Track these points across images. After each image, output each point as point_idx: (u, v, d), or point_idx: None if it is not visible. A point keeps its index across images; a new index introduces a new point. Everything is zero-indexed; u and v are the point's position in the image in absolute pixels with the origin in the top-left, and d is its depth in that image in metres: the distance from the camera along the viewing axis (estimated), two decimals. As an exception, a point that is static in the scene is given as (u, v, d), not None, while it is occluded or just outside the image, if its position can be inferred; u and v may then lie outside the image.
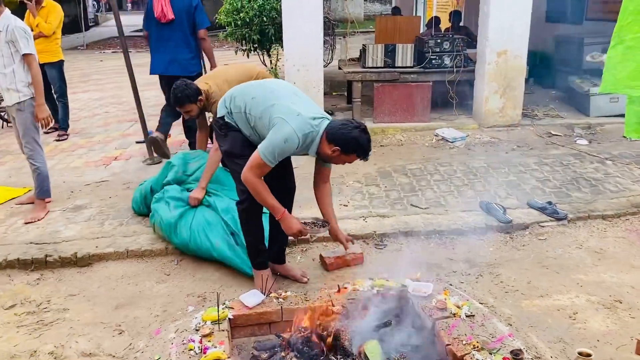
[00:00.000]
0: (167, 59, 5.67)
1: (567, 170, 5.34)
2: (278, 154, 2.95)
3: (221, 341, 2.76)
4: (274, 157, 2.95)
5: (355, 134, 2.96)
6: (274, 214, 3.12)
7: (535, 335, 2.97)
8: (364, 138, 2.98)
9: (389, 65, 6.95)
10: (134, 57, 12.61)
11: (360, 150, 2.99)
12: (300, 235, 3.17)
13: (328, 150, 3.00)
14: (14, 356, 2.93)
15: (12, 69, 4.32)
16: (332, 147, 2.98)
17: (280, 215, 3.09)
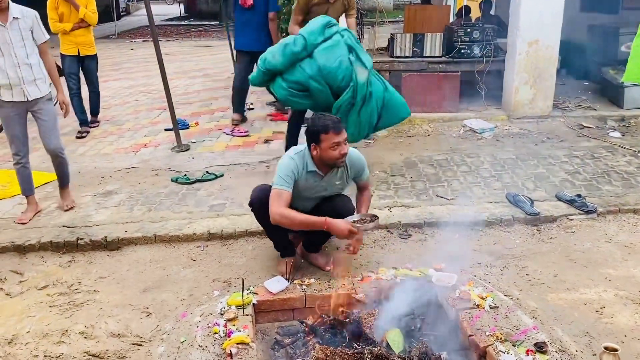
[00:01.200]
0: (251, 37, 6.75)
1: (598, 163, 5.23)
2: (283, 175, 3.21)
3: (245, 325, 2.81)
4: (282, 180, 3.20)
5: (312, 119, 3.28)
6: (319, 227, 3.13)
7: (560, 328, 2.94)
8: (321, 117, 3.23)
9: (417, 55, 6.88)
10: (164, 45, 12.79)
11: (325, 124, 3.16)
12: (352, 234, 3.12)
13: (315, 152, 3.23)
14: (46, 334, 3.03)
15: (37, 59, 4.15)
16: (313, 147, 3.23)
17: (325, 225, 3.10)
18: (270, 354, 2.84)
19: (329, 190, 3.44)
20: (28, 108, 4.17)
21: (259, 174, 5.24)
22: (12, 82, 4.02)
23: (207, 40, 16.72)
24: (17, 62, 4.01)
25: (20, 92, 4.07)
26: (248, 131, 6.62)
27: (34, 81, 4.11)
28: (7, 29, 3.95)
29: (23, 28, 4.02)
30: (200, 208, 4.53)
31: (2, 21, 3.93)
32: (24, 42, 4.03)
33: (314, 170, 3.31)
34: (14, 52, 3.99)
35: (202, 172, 5.31)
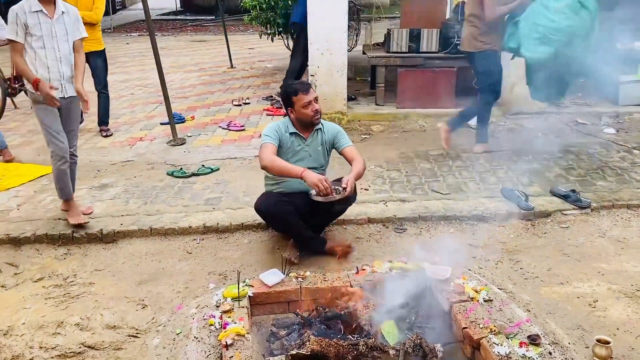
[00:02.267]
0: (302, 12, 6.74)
1: (593, 159, 5.26)
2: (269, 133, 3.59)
3: (241, 317, 2.82)
4: (267, 137, 3.57)
5: (283, 86, 3.60)
6: (296, 175, 3.38)
7: (553, 321, 2.97)
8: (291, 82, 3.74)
9: (413, 51, 6.89)
10: (160, 40, 12.74)
11: (293, 87, 3.59)
12: (323, 182, 3.30)
13: (292, 115, 3.63)
14: (41, 326, 3.04)
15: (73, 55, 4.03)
16: (290, 110, 3.64)
17: (301, 174, 3.36)
18: (265, 345, 2.85)
19: (313, 156, 3.69)
20: (62, 104, 3.98)
21: (255, 168, 5.24)
22: (52, 76, 3.88)
23: (203, 35, 16.66)
24: (59, 57, 3.90)
25: (59, 89, 3.94)
26: (244, 125, 6.62)
27: (71, 78, 4.00)
28: (54, 23, 3.85)
29: (67, 23, 3.94)
30: (196, 201, 4.53)
31: (49, 13, 3.83)
32: (68, 37, 3.94)
33: (296, 132, 3.65)
34: (58, 46, 3.88)
35: (198, 165, 5.31)
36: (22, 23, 3.75)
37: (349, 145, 3.73)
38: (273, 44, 10.14)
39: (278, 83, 9.14)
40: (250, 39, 14.51)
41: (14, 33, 3.78)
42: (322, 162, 3.78)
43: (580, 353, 2.69)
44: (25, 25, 3.76)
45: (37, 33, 3.80)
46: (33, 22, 3.78)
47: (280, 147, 3.60)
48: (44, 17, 3.81)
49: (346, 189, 3.39)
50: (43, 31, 3.81)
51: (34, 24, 3.78)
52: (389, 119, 6.67)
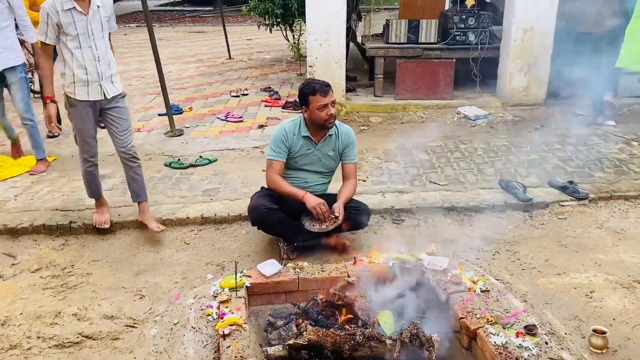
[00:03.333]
0: None
1: (591, 150, 5.25)
2: (274, 146, 3.52)
3: (238, 307, 2.82)
4: (273, 151, 3.53)
5: (303, 82, 3.51)
6: (297, 198, 3.44)
7: (550, 312, 2.98)
8: (310, 81, 3.50)
9: (412, 42, 6.86)
10: (158, 31, 12.69)
11: (312, 86, 3.42)
12: (321, 206, 3.37)
13: (306, 114, 3.49)
14: (39, 316, 3.04)
15: (111, 51, 3.71)
16: (304, 109, 3.50)
17: (302, 197, 3.43)
18: (263, 335, 2.86)
19: (323, 161, 3.62)
20: (103, 108, 3.71)
21: (252, 159, 5.24)
22: (90, 78, 3.56)
23: (201, 26, 16.59)
24: (97, 56, 3.56)
25: (97, 90, 3.61)
26: (242, 116, 6.60)
27: (111, 77, 3.67)
28: (89, 20, 3.50)
29: (104, 17, 3.59)
30: (193, 192, 4.53)
31: (84, 10, 3.47)
32: (103, 34, 3.61)
33: (307, 136, 3.53)
34: (95, 44, 3.54)
35: (195, 156, 5.30)
36: (53, 23, 3.43)
37: (353, 162, 3.67)
38: (271, 35, 10.10)
39: (276, 74, 9.12)
40: (249, 30, 14.45)
41: (44, 34, 3.48)
42: (332, 167, 3.72)
43: (577, 343, 2.70)
44: (57, 25, 3.43)
45: (71, 32, 3.46)
46: (67, 20, 3.43)
47: (290, 152, 3.55)
48: (78, 15, 3.46)
49: (338, 218, 3.40)
50: (78, 30, 3.47)
51: (68, 23, 3.44)
52: (388, 110, 6.66)
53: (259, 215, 3.51)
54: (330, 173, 3.74)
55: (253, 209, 3.53)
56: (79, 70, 3.53)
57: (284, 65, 9.96)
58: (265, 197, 3.57)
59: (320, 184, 3.70)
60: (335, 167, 3.74)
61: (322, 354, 2.52)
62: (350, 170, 3.66)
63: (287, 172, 3.62)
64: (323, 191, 3.72)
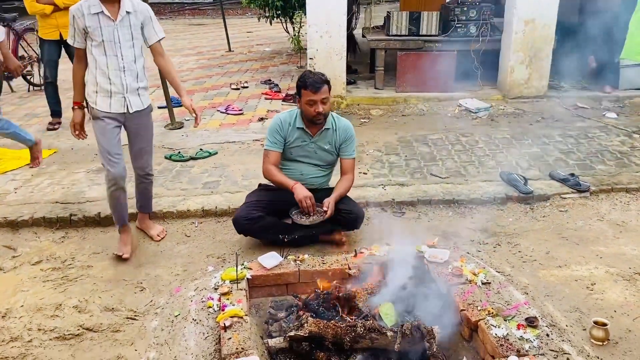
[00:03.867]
0: None
1: (592, 143, 5.24)
2: (270, 136, 3.53)
3: (239, 299, 2.82)
4: (268, 141, 3.54)
5: (302, 74, 3.46)
6: (287, 188, 3.45)
7: (551, 304, 2.97)
8: (308, 74, 3.43)
9: (413, 34, 6.83)
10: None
11: (301, 83, 3.39)
12: (307, 200, 3.39)
13: (298, 104, 3.49)
14: (40, 308, 3.04)
15: (143, 62, 3.43)
16: (297, 100, 3.48)
17: (292, 186, 3.44)
18: (264, 327, 2.86)
19: (319, 153, 3.59)
20: (125, 121, 3.45)
21: (253, 151, 5.23)
22: (113, 89, 3.33)
23: (201, 18, 16.54)
24: (122, 66, 3.31)
25: (120, 102, 3.37)
26: (242, 109, 6.58)
27: (137, 90, 3.40)
28: (117, 26, 3.25)
29: (134, 25, 3.31)
30: (194, 185, 4.52)
31: (112, 16, 3.23)
32: (133, 42, 3.32)
33: (302, 128, 3.52)
34: (121, 53, 3.29)
35: (196, 149, 5.29)
36: (80, 27, 3.23)
37: (351, 158, 3.64)
38: (271, 27, 10.07)
39: (276, 67, 9.09)
40: (249, 22, 14.40)
41: (72, 38, 3.29)
42: (330, 160, 3.68)
43: (578, 335, 2.70)
44: (84, 29, 3.23)
45: (97, 38, 3.23)
46: (93, 25, 3.22)
47: (285, 142, 3.55)
48: (105, 20, 3.22)
49: (327, 212, 3.40)
50: (104, 36, 3.23)
51: (94, 27, 3.22)
52: (388, 102, 6.64)
53: (241, 228, 3.56)
54: (328, 166, 3.71)
55: (235, 221, 3.56)
56: (102, 78, 3.31)
57: (284, 57, 9.93)
58: (250, 205, 3.56)
59: (317, 176, 3.67)
60: (333, 160, 3.70)
61: (323, 345, 2.52)
62: (347, 165, 3.63)
63: (283, 163, 3.62)
64: (322, 185, 3.70)
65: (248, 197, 3.72)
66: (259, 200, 3.60)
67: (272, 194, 3.60)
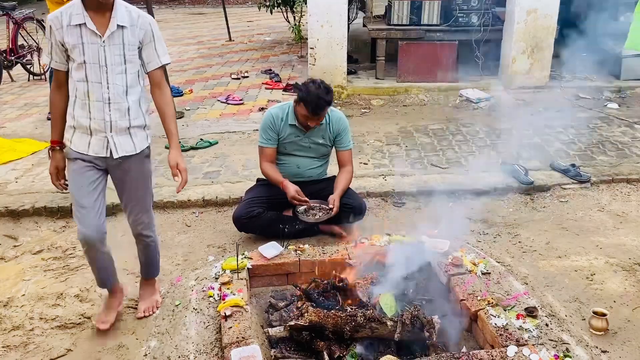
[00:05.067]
0: None
1: (594, 134, 5.24)
2: (263, 132, 3.50)
3: (240, 289, 2.83)
4: (262, 137, 3.52)
5: (308, 84, 3.31)
6: (276, 184, 3.49)
7: (551, 294, 2.98)
8: (313, 91, 3.26)
9: (414, 23, 6.80)
10: (157, 12, 12.57)
11: (304, 98, 3.27)
12: (296, 195, 3.41)
13: (294, 104, 3.39)
14: (41, 297, 3.05)
15: (139, 94, 2.61)
16: (295, 101, 3.38)
17: (281, 184, 3.47)
18: (264, 316, 2.87)
19: (313, 148, 3.57)
20: (109, 167, 2.67)
21: (253, 141, 5.21)
22: (93, 125, 2.53)
23: (201, 8, 16.44)
24: (108, 97, 2.50)
25: (101, 143, 2.57)
26: (243, 99, 6.57)
27: (128, 129, 2.60)
28: (105, 44, 2.45)
29: (129, 43, 2.50)
30: (194, 175, 4.52)
31: (99, 29, 2.44)
32: (126, 67, 2.51)
33: (294, 124, 3.48)
34: (107, 80, 2.48)
35: (196, 139, 5.28)
36: (57, 41, 2.45)
37: (347, 149, 3.60)
38: (272, 16, 10.01)
39: (277, 57, 9.05)
40: (249, 12, 14.32)
41: (49, 55, 2.54)
42: (325, 152, 3.66)
43: (577, 325, 2.71)
44: (61, 44, 2.45)
45: (77, 58, 2.45)
46: (72, 41, 2.43)
47: (279, 138, 3.52)
48: (89, 36, 2.43)
49: (332, 209, 3.39)
50: (87, 56, 2.44)
51: (74, 44, 2.44)
52: (389, 93, 6.62)
53: (241, 227, 3.57)
54: (324, 157, 3.70)
55: (235, 220, 3.55)
56: (80, 112, 2.53)
57: (284, 47, 9.89)
58: (248, 202, 3.54)
59: (314, 167, 3.65)
60: (328, 152, 3.69)
61: (323, 334, 2.53)
62: (345, 157, 3.60)
63: (279, 157, 3.60)
64: (320, 175, 3.70)
65: (247, 193, 3.71)
66: (259, 196, 3.59)
67: (271, 189, 3.59)
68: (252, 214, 3.47)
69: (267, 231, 3.51)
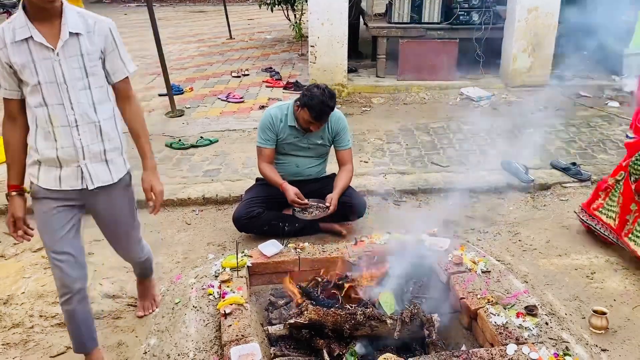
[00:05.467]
0: None
1: (594, 132, 5.23)
2: (261, 133, 3.46)
3: (239, 287, 2.83)
4: (260, 138, 3.48)
5: (313, 89, 3.28)
6: (276, 186, 3.46)
7: (551, 293, 2.98)
8: (318, 96, 3.23)
9: (415, 21, 6.79)
10: (158, 10, 12.57)
11: (308, 103, 3.24)
12: (296, 198, 3.37)
13: (295, 107, 3.36)
14: (41, 295, 3.05)
15: (111, 111, 2.27)
16: (297, 104, 3.35)
17: (281, 187, 3.43)
18: (264, 314, 2.87)
19: (313, 148, 3.56)
20: (86, 201, 2.31)
21: (253, 140, 5.19)
22: (62, 155, 2.17)
23: (201, 6, 16.44)
24: (74, 119, 2.14)
25: (74, 174, 2.22)
26: (243, 97, 6.56)
27: (104, 154, 2.25)
28: (59, 57, 2.08)
29: (87, 53, 2.13)
30: (194, 173, 4.52)
31: (49, 41, 2.06)
32: (89, 80, 2.15)
33: (294, 126, 3.45)
34: (70, 100, 2.12)
35: (196, 137, 5.28)
36: (3, 64, 2.07)
37: (346, 148, 3.57)
38: (272, 14, 10.00)
39: (277, 55, 9.05)
40: (250, 10, 14.32)
41: None
42: (324, 152, 3.64)
43: (577, 324, 2.71)
44: (8, 66, 2.07)
45: (30, 80, 2.08)
46: (21, 60, 2.06)
47: (277, 139, 3.49)
48: (39, 51, 2.06)
49: (329, 208, 3.38)
50: (40, 75, 2.07)
51: (23, 63, 2.06)
52: (390, 91, 6.61)
53: (241, 226, 3.55)
54: (322, 156, 3.68)
55: (235, 220, 3.53)
56: (44, 143, 2.16)
57: (285, 45, 9.88)
58: (248, 203, 3.53)
59: (313, 166, 3.64)
60: (327, 151, 3.67)
61: (323, 332, 2.53)
62: (344, 156, 3.58)
63: (277, 157, 3.57)
64: (319, 173, 3.68)
65: (246, 193, 3.70)
66: (258, 196, 3.57)
67: (270, 189, 3.57)
68: (252, 214, 3.47)
69: (267, 231, 3.49)
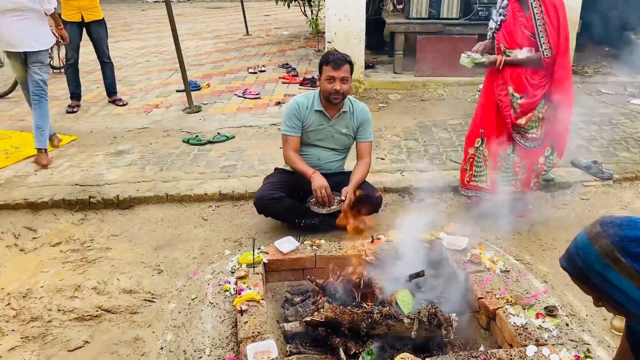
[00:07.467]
0: None
1: (616, 130, 5.13)
2: (287, 120, 3.48)
3: (256, 283, 2.82)
4: (286, 125, 3.50)
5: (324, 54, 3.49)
6: (306, 176, 3.43)
7: (571, 293, 2.92)
8: (329, 51, 3.50)
9: (433, 17, 6.72)
10: (176, 6, 12.60)
11: (323, 59, 3.40)
12: (323, 190, 3.35)
13: (318, 83, 3.48)
14: (59, 289, 3.07)
15: None
16: (318, 78, 3.49)
17: (310, 175, 3.41)
18: (280, 311, 2.86)
19: (336, 137, 3.57)
20: None
21: (270, 136, 5.21)
22: None
23: (219, 2, 16.47)
24: None
25: None
26: (259, 93, 6.56)
27: None
28: None
29: None
30: (211, 169, 4.53)
31: None
32: None
33: (321, 110, 3.48)
34: None
35: (213, 133, 5.29)
36: None
37: (368, 141, 3.60)
38: (289, 10, 9.99)
39: (294, 51, 9.03)
40: (266, 6, 14.31)
41: None
42: (346, 144, 3.66)
43: (598, 325, 2.66)
44: None
45: None
46: None
47: (303, 126, 3.52)
48: None
49: (344, 201, 3.36)
50: None
51: None
52: (407, 87, 6.56)
53: (263, 207, 3.54)
54: (345, 150, 3.69)
55: (257, 200, 3.53)
56: None
57: (301, 41, 9.86)
58: (271, 185, 3.56)
59: (334, 160, 3.66)
60: (350, 144, 3.68)
61: (339, 331, 2.51)
62: (364, 149, 3.60)
63: (300, 148, 3.59)
64: (338, 168, 3.68)
65: (266, 179, 3.71)
66: (280, 181, 3.60)
67: (291, 177, 3.59)
68: (275, 196, 3.48)
69: (285, 216, 3.53)
